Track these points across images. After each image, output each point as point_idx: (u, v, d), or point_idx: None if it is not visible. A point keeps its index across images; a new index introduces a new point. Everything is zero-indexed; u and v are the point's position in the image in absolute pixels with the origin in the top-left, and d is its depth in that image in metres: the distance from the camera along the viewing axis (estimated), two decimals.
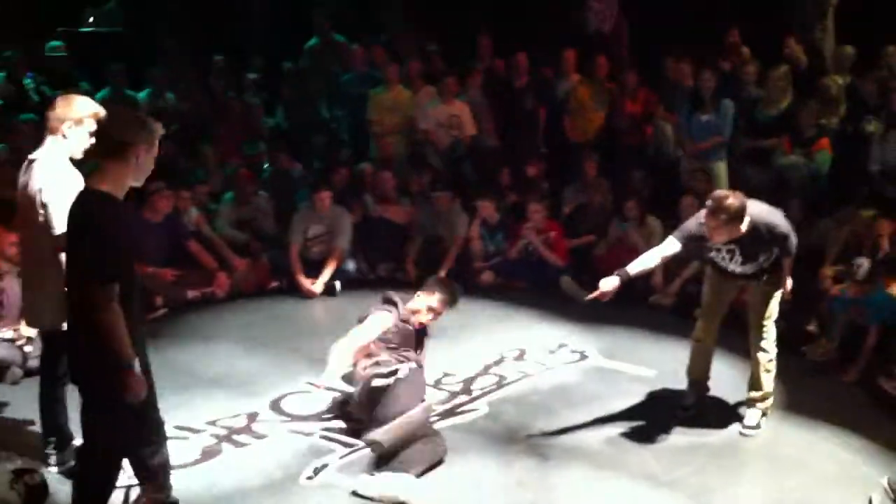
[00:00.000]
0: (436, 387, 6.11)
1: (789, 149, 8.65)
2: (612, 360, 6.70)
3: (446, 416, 5.73)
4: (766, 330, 5.54)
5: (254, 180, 9.21)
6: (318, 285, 8.28)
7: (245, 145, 9.79)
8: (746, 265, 5.41)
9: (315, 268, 8.43)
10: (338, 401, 5.80)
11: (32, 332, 6.08)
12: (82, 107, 4.68)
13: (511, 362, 6.66)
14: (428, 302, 5.87)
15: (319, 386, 5.79)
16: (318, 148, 10.13)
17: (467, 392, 6.11)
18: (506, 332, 7.23)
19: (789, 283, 5.56)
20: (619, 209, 8.64)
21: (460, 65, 10.25)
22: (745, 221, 5.14)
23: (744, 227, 5.16)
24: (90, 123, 4.64)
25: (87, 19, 11.92)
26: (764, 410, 5.61)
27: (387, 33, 11.45)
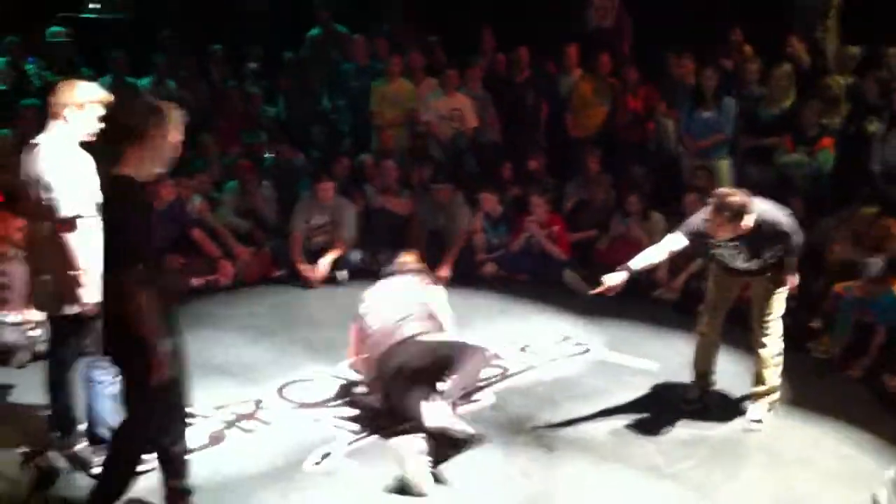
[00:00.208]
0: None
1: (791, 147, 8.69)
2: (615, 354, 6.72)
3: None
4: (770, 325, 5.55)
5: (255, 171, 9.20)
6: (321, 267, 8.31)
7: (244, 135, 9.77)
8: (751, 262, 5.43)
9: (317, 257, 8.44)
10: (344, 388, 5.82)
11: (39, 317, 6.07)
12: (84, 92, 4.70)
13: (515, 354, 6.68)
14: None
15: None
16: (318, 138, 10.12)
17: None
18: (509, 325, 7.25)
19: (795, 279, 5.59)
20: (622, 204, 8.67)
21: (462, 58, 10.25)
22: (749, 218, 5.16)
23: (748, 223, 5.18)
24: (93, 108, 4.66)
25: (88, 5, 11.85)
26: (770, 405, 5.64)
27: (387, 24, 11.43)
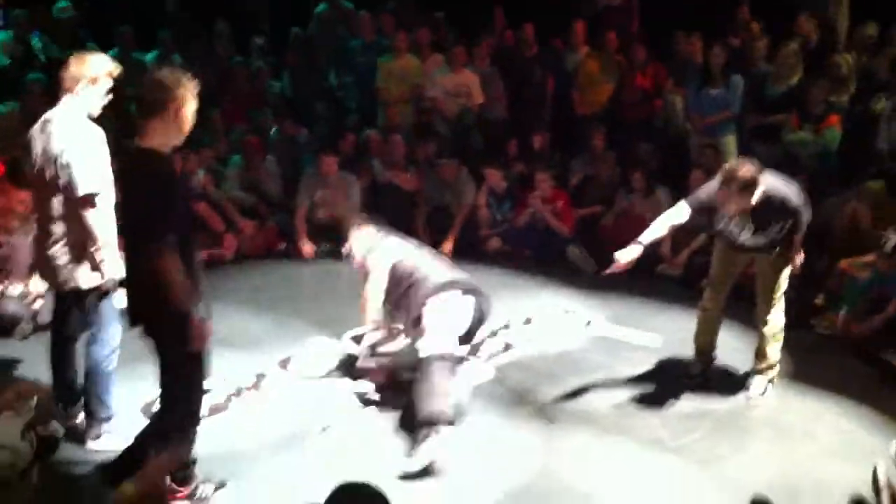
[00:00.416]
0: None
1: (798, 125, 8.63)
2: (618, 328, 6.72)
3: None
4: (774, 301, 5.54)
5: (262, 147, 9.18)
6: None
7: (251, 111, 9.75)
8: (757, 236, 5.40)
9: (321, 231, 8.44)
10: (346, 361, 5.82)
11: (42, 289, 6.09)
12: (97, 65, 4.64)
13: (518, 328, 6.67)
14: None
15: None
16: (323, 114, 10.09)
17: (474, 356, 6.11)
18: (513, 299, 7.22)
19: (800, 257, 5.57)
20: (626, 181, 8.64)
21: (470, 34, 10.21)
22: (757, 192, 5.13)
23: (756, 198, 5.15)
24: (105, 81, 4.63)
25: None
26: (770, 380, 5.64)
27: (393, 1, 11.36)
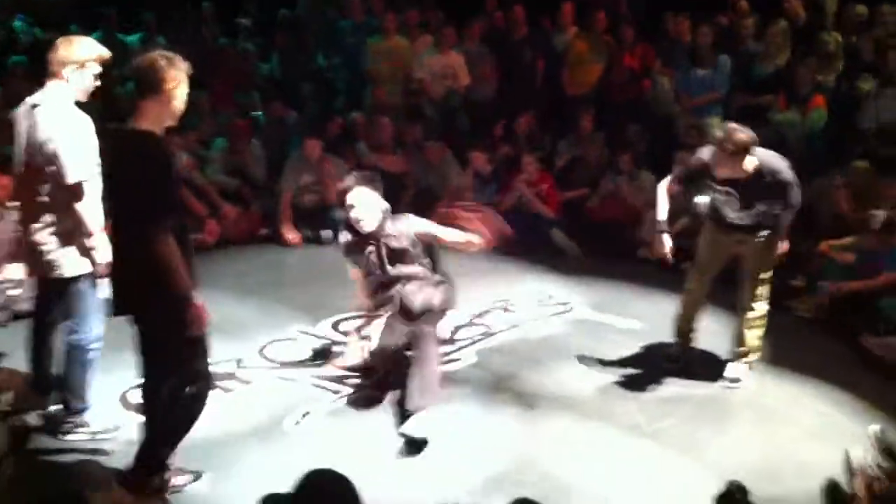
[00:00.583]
0: None
1: (784, 106, 8.60)
2: (600, 313, 6.71)
3: None
4: (758, 288, 5.54)
5: (248, 130, 9.12)
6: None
7: (238, 94, 9.70)
8: (743, 213, 5.37)
9: (306, 216, 8.42)
10: (326, 348, 5.81)
11: (19, 275, 6.06)
12: (85, 49, 4.57)
13: (498, 313, 6.67)
14: None
15: None
16: (310, 96, 10.05)
17: (453, 342, 6.11)
18: (494, 284, 7.21)
19: (785, 245, 5.55)
20: (614, 163, 8.61)
21: (459, 15, 10.16)
22: (751, 161, 5.14)
23: (749, 165, 5.15)
24: (93, 66, 4.56)
25: None
26: (749, 365, 5.64)
27: None
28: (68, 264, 4.58)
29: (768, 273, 5.54)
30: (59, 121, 4.46)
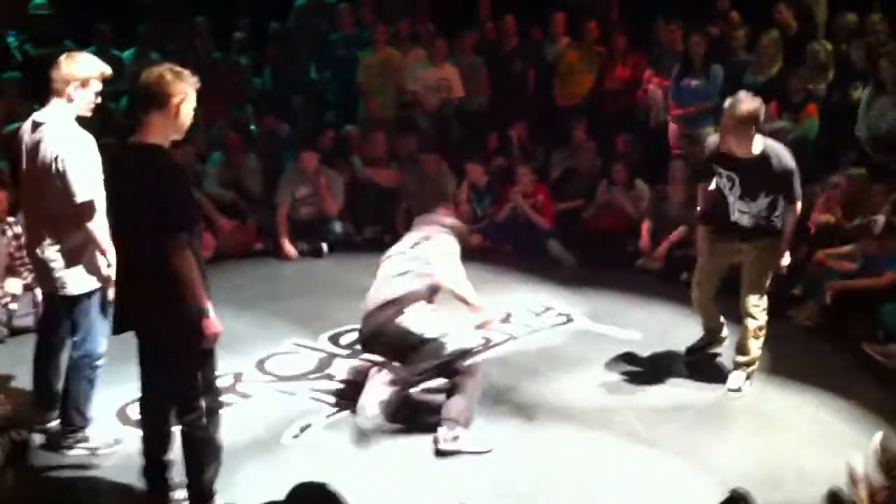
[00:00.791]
0: None
1: (776, 114, 8.63)
2: (598, 324, 6.71)
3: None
4: (757, 297, 5.54)
5: (243, 144, 9.11)
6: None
7: (232, 107, 9.70)
8: (744, 201, 5.40)
9: (303, 229, 8.41)
10: (324, 361, 5.80)
11: (18, 290, 6.05)
12: (88, 66, 4.56)
13: (497, 324, 6.64)
14: None
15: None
16: (301, 109, 10.05)
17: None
18: (492, 295, 7.11)
19: (786, 258, 5.56)
20: (607, 173, 8.63)
21: (450, 26, 10.18)
22: (757, 141, 5.22)
23: (755, 147, 5.22)
24: (95, 83, 4.56)
25: None
26: (749, 374, 5.64)
27: None
28: (76, 281, 4.58)
29: (767, 283, 5.55)
30: (65, 140, 4.46)
